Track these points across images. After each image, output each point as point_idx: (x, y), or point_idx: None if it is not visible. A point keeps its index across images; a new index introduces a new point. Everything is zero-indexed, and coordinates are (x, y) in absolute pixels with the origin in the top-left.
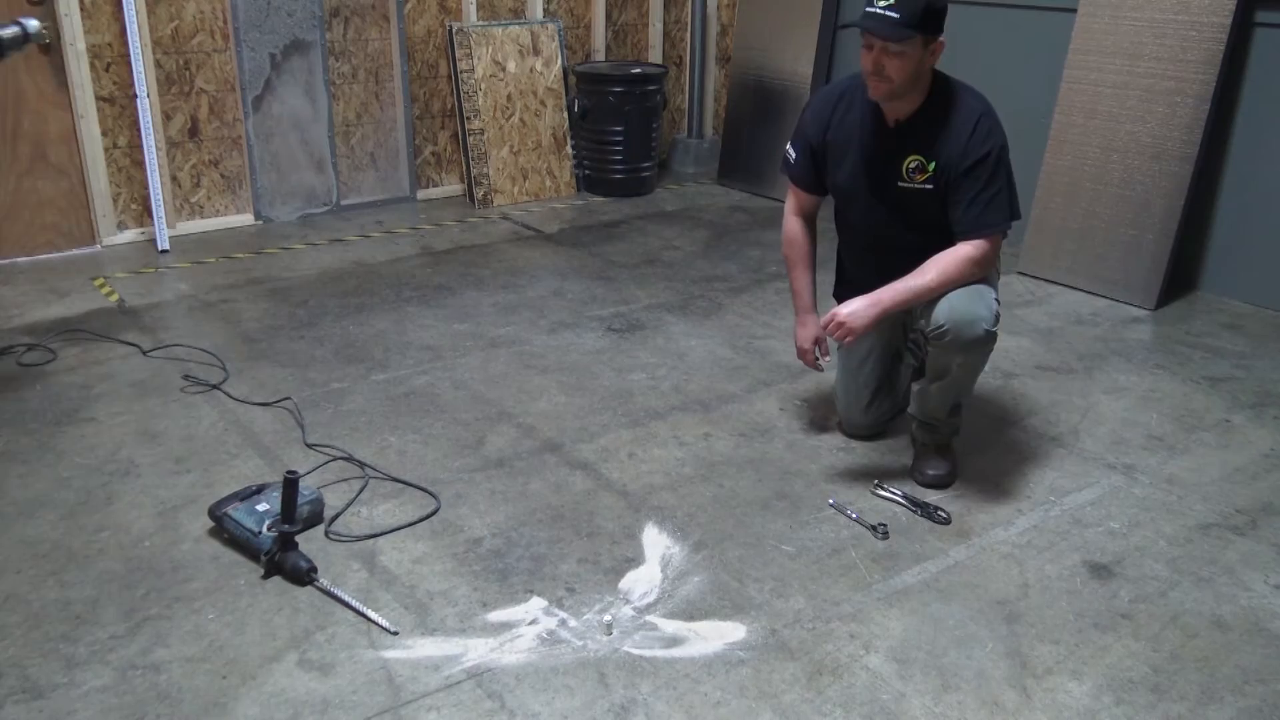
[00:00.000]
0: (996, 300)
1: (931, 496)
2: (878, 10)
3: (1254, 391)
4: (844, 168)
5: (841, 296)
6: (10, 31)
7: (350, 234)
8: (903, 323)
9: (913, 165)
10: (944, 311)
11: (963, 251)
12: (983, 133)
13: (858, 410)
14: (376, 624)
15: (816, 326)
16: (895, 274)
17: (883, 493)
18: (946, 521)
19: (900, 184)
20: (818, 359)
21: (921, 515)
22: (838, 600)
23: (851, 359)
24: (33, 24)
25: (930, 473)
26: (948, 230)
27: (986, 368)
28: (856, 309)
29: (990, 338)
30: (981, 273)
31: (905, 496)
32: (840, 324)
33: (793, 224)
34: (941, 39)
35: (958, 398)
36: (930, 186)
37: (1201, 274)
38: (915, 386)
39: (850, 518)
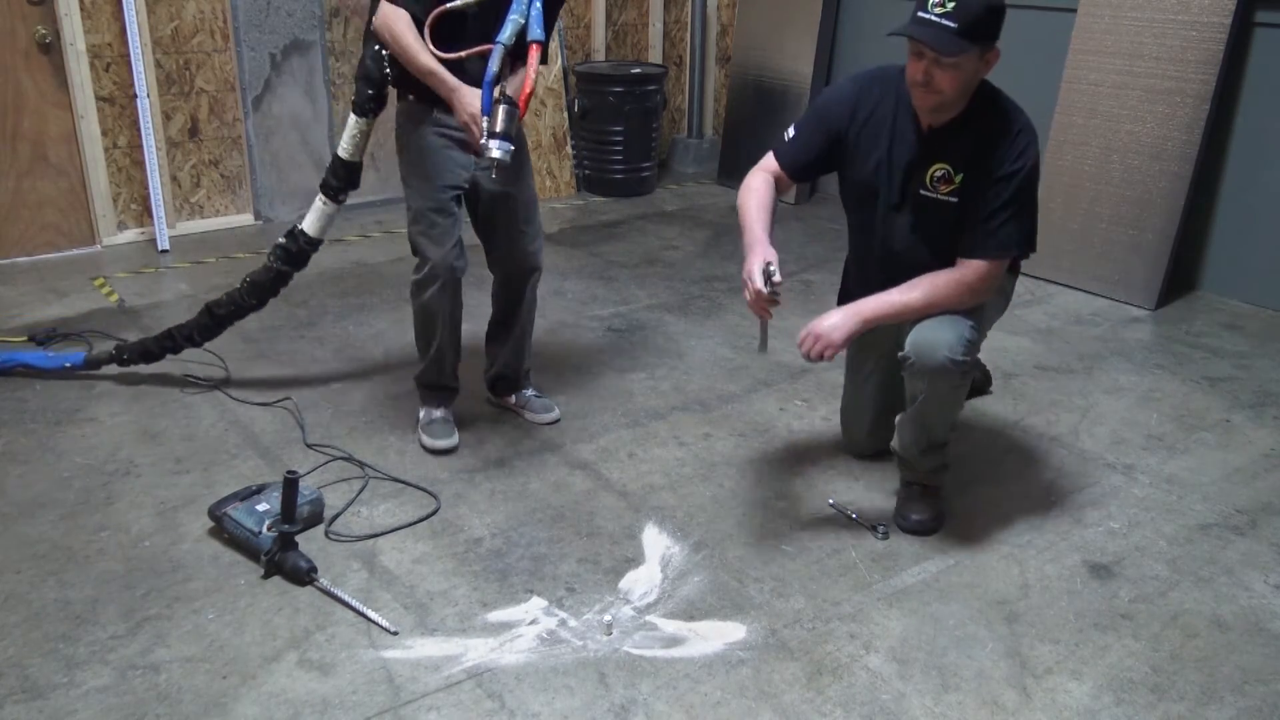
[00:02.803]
0: (974, 329)
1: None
2: (932, 18)
3: (1254, 391)
4: (869, 164)
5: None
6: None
7: (350, 234)
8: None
9: (938, 174)
10: (911, 338)
11: (958, 273)
12: (1019, 147)
13: (860, 430)
14: (376, 624)
15: (766, 256)
16: (902, 274)
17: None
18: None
19: (923, 192)
20: (769, 289)
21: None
22: (838, 600)
23: (858, 373)
24: (492, 152)
25: (912, 517)
26: None
27: (987, 367)
28: (835, 321)
29: (954, 367)
30: (974, 300)
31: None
32: (818, 336)
33: (757, 178)
34: (997, 47)
35: (929, 436)
36: (954, 200)
37: (1201, 274)
38: (896, 426)
39: (850, 518)
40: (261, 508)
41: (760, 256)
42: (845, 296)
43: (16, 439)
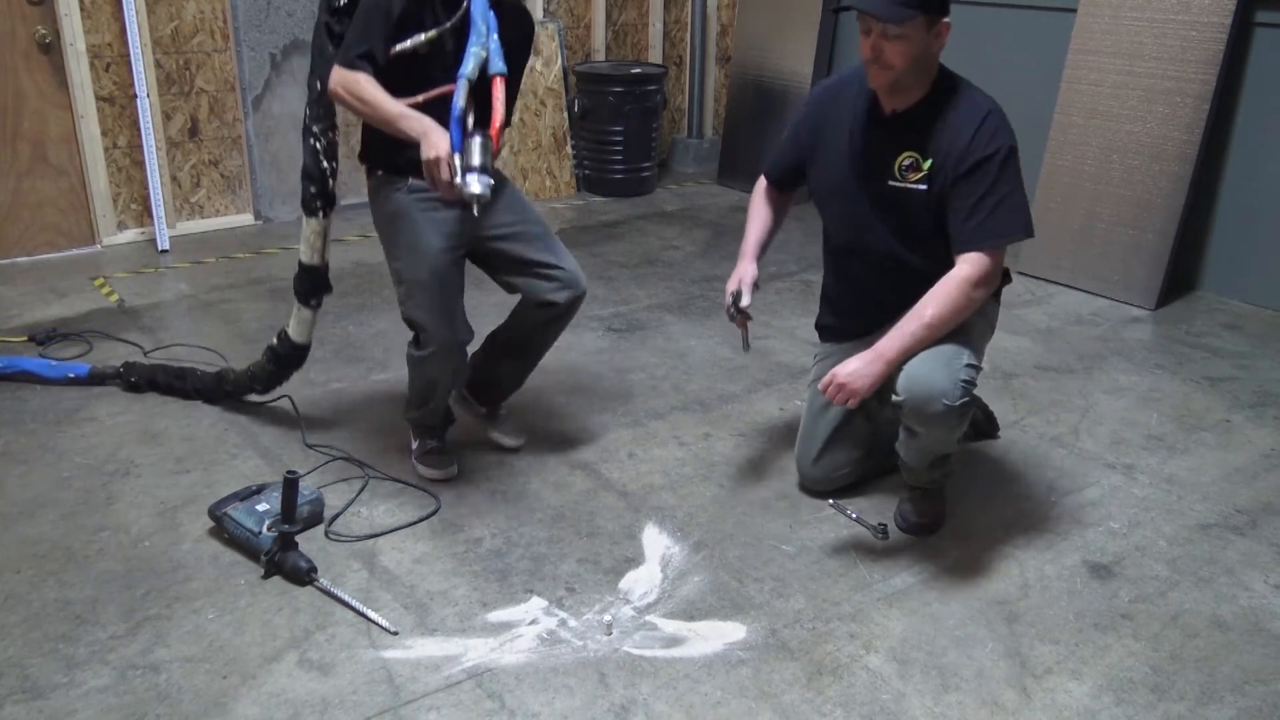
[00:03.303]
0: (970, 368)
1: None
2: None
3: (1254, 391)
4: (830, 159)
5: (824, 325)
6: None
7: (350, 234)
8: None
9: (906, 163)
10: (904, 381)
11: (959, 274)
12: (988, 131)
13: (808, 459)
14: (376, 624)
15: (743, 275)
16: (880, 296)
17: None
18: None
19: (891, 183)
20: (735, 310)
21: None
22: (838, 600)
23: (819, 398)
24: (472, 187)
25: (912, 519)
26: (940, 246)
27: (987, 366)
28: (857, 368)
29: (952, 412)
30: (985, 296)
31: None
32: (841, 385)
33: (761, 182)
34: (947, 20)
35: (935, 455)
36: (924, 187)
37: (1201, 274)
38: (897, 447)
39: (850, 518)
40: (261, 508)
41: (737, 275)
42: (824, 314)
43: (16, 439)
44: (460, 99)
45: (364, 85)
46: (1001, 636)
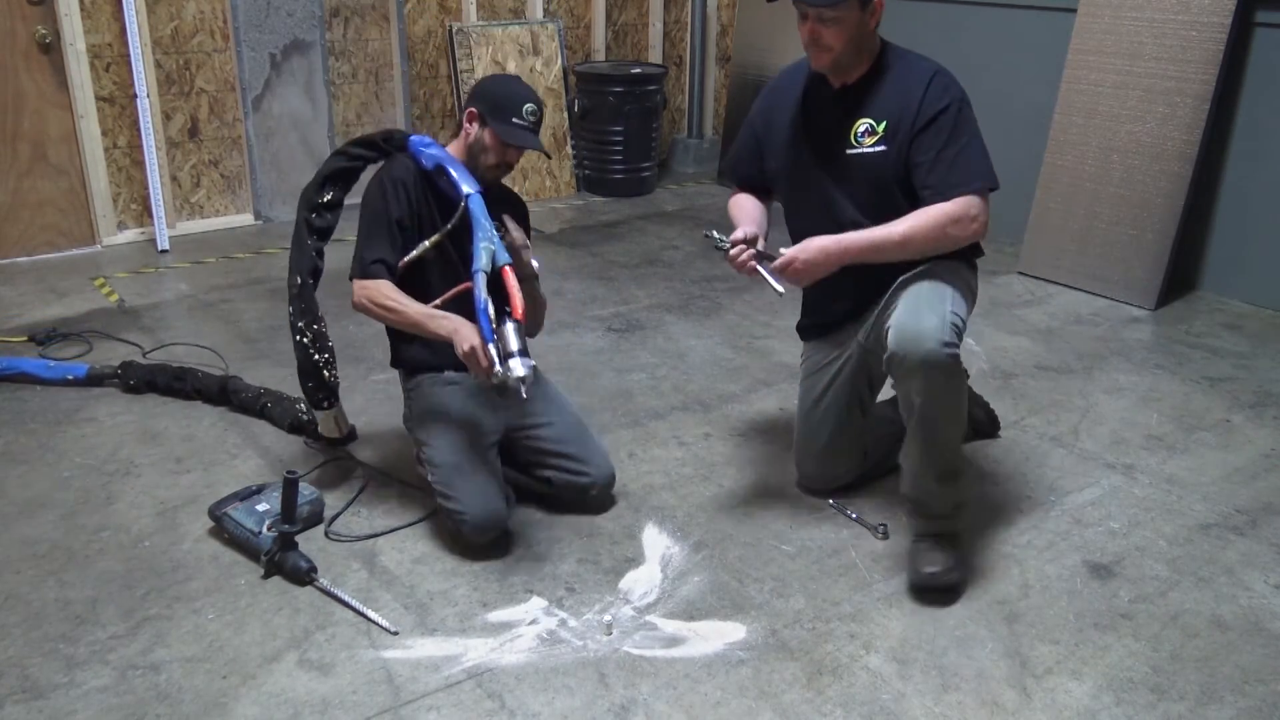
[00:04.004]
0: (955, 314)
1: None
2: None
3: (1254, 391)
4: (786, 143)
5: (802, 326)
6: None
7: (350, 234)
8: (867, 365)
9: (862, 129)
10: (893, 333)
11: (940, 206)
12: (938, 87)
13: (810, 456)
14: (376, 624)
15: (754, 231)
16: (850, 278)
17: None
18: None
19: (850, 151)
20: (728, 248)
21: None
22: (838, 600)
23: (809, 395)
24: (517, 370)
25: (925, 570)
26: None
27: (987, 366)
28: (814, 256)
29: (944, 350)
30: (957, 233)
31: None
32: (798, 270)
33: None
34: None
35: (940, 455)
36: (883, 148)
37: (1201, 274)
38: (902, 461)
39: (850, 517)
40: (261, 508)
41: (745, 231)
42: (805, 314)
43: (16, 439)
44: (481, 291)
45: (386, 292)
46: (1001, 636)
